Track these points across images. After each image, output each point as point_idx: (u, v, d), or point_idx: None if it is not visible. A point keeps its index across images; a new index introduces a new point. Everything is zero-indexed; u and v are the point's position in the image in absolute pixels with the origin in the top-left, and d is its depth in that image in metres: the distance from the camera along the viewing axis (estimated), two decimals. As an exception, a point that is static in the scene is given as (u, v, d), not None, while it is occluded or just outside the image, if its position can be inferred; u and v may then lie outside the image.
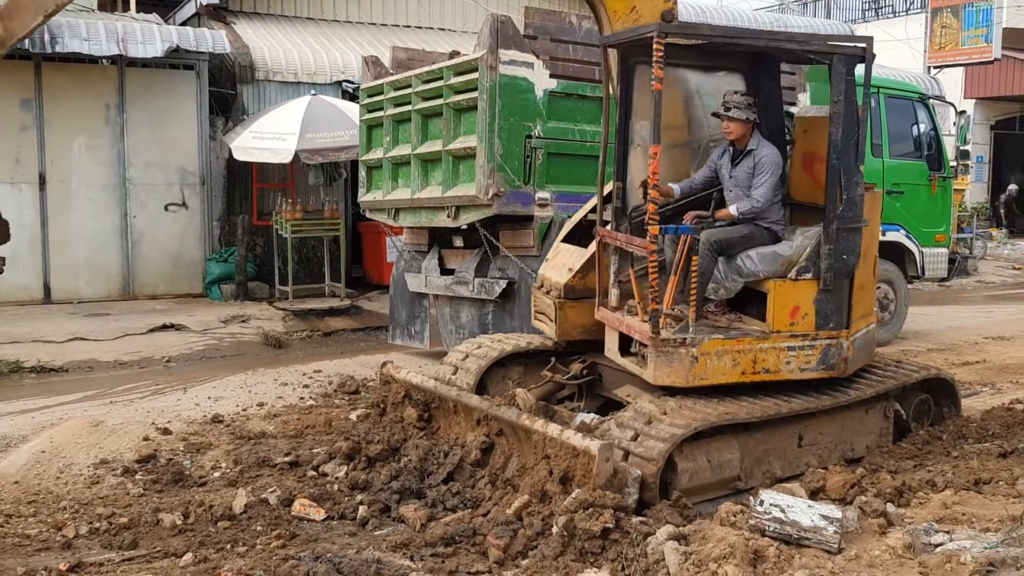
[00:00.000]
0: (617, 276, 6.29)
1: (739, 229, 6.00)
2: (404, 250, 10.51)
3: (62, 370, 9.68)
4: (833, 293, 5.87)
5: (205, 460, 6.33)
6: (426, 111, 9.21)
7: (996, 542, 4.03)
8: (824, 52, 5.93)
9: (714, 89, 6.55)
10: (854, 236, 5.91)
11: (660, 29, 5.42)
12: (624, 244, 6.16)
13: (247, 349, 10.83)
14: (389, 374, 6.47)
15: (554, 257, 7.20)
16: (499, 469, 5.46)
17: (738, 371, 5.69)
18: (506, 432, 5.52)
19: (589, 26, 9.20)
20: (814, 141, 6.27)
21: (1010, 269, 19.17)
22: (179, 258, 14.09)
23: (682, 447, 5.17)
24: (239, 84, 14.35)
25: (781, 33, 7.97)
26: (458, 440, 5.79)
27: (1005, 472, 5.39)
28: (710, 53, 6.41)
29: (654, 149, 5.48)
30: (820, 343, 5.85)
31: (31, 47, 12.19)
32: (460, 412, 5.92)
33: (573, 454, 4.87)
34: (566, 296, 6.76)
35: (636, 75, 6.30)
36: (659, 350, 5.56)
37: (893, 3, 28.00)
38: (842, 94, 5.76)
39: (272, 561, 4.44)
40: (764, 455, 5.65)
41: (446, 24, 17.25)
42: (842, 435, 6.06)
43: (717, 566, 3.89)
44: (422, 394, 6.20)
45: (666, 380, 5.62)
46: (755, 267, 5.89)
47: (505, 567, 4.46)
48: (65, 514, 5.33)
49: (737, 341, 5.70)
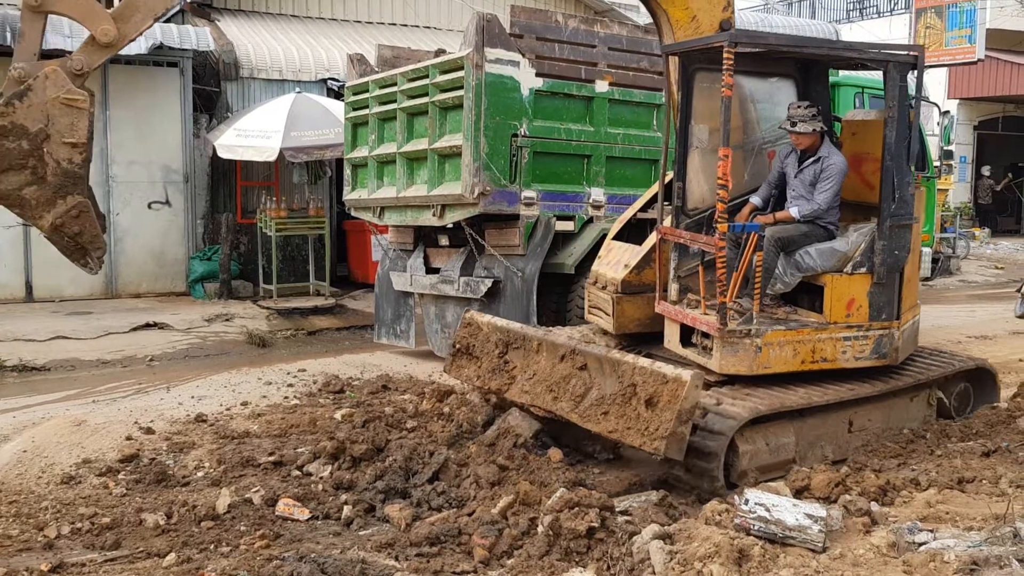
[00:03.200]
0: (677, 272, 6.61)
1: (799, 227, 6.38)
2: (389, 249, 10.49)
3: (44, 369, 9.61)
4: (885, 286, 6.30)
5: (188, 460, 6.30)
6: (412, 109, 9.20)
7: (979, 541, 4.04)
8: (879, 60, 6.38)
9: (766, 94, 6.97)
10: (905, 232, 6.33)
11: (731, 39, 5.73)
12: (689, 241, 6.45)
13: (231, 348, 10.78)
14: (472, 318, 6.98)
15: (607, 254, 7.48)
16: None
17: (798, 360, 6.09)
18: (590, 366, 5.86)
19: (575, 25, 9.21)
20: (861, 143, 6.70)
21: (992, 269, 19.28)
22: (162, 256, 14.01)
23: (743, 431, 5.54)
24: (223, 81, 14.28)
25: (840, 42, 8.59)
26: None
27: (988, 471, 5.42)
28: (763, 60, 6.74)
29: (724, 151, 5.75)
30: (873, 333, 6.27)
31: (13, 44, 12.08)
32: (543, 350, 6.27)
33: (662, 381, 5.25)
34: (623, 291, 7.04)
35: (695, 81, 6.65)
36: (725, 341, 5.92)
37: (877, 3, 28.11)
38: (895, 99, 6.15)
39: (256, 561, 4.42)
40: (817, 439, 6.00)
41: (432, 22, 17.22)
42: (888, 421, 6.39)
43: (702, 565, 3.89)
44: (505, 335, 6.62)
45: (731, 369, 5.98)
46: (814, 262, 6.29)
47: (490, 567, 4.45)
48: (47, 514, 5.28)
49: (797, 332, 6.11)
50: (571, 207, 9.08)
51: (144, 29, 5.20)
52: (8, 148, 4.90)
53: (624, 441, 5.51)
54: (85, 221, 5.12)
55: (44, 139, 4.95)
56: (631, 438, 5.37)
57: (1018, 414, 6.57)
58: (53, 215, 5.07)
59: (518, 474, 5.42)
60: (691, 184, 6.76)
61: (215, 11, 15.45)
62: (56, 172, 5.01)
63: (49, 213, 5.06)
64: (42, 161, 4.98)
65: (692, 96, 6.68)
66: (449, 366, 6.98)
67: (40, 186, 5.01)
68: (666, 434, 5.12)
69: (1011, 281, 16.86)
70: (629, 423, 5.39)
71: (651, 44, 9.61)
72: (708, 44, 6.12)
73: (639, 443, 5.31)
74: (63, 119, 4.99)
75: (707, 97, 6.57)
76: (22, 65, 5.00)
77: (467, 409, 6.77)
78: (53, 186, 5.03)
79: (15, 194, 5.02)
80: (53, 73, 4.98)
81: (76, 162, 5.04)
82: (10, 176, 4.97)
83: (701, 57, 6.48)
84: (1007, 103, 25.66)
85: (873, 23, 26.46)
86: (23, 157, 4.93)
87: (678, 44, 6.55)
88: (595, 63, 9.19)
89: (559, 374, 6.02)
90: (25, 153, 4.93)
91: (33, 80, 4.95)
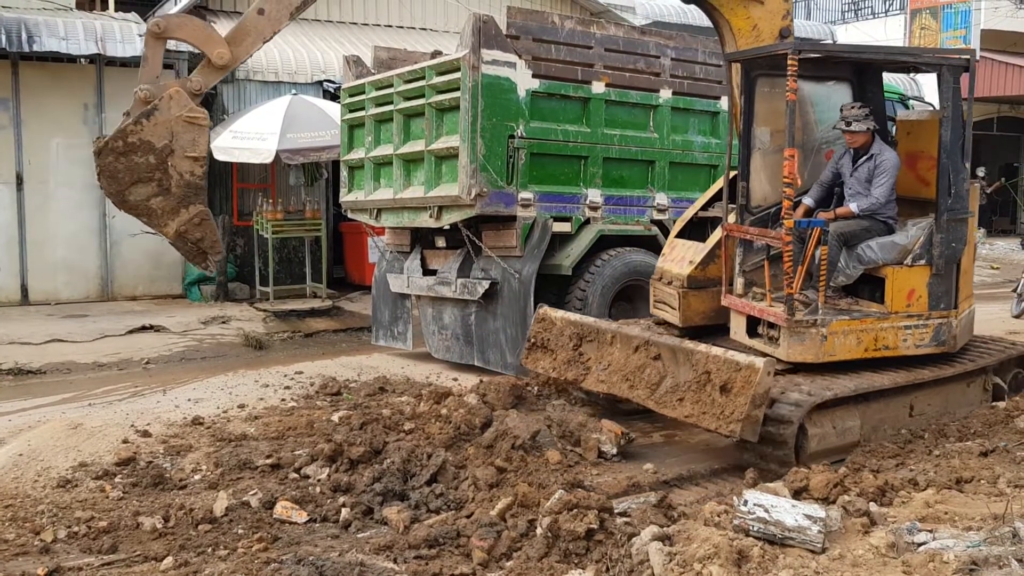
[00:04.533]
0: (742, 266, 6.96)
1: (860, 223, 6.67)
2: (386, 251, 10.48)
3: (40, 372, 9.60)
4: (943, 277, 6.64)
5: (185, 463, 6.28)
6: (408, 111, 9.19)
7: (978, 541, 4.04)
8: (933, 64, 6.77)
9: (824, 96, 7.30)
10: (961, 226, 6.67)
11: (795, 47, 6.16)
12: (755, 237, 6.78)
13: (227, 350, 10.76)
14: (546, 313, 7.50)
15: (670, 251, 7.78)
16: None
17: (861, 348, 6.41)
18: (663, 356, 6.36)
19: (572, 26, 9.21)
20: (916, 142, 7.06)
21: (988, 269, 19.31)
22: (158, 259, 13.96)
23: (811, 415, 5.89)
24: (219, 84, 14.24)
25: (896, 48, 9.25)
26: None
27: (987, 471, 5.41)
28: (821, 65, 7.17)
29: (790, 151, 6.11)
30: (933, 322, 6.61)
31: (8, 46, 12.07)
32: (616, 342, 6.82)
33: (735, 368, 5.69)
34: (688, 286, 7.32)
35: (757, 86, 6.99)
36: (792, 330, 6.24)
37: (873, 4, 28.15)
38: (950, 100, 6.47)
39: (254, 564, 4.40)
40: (880, 423, 6.36)
41: (428, 24, 17.22)
42: (947, 406, 6.74)
43: (702, 566, 3.88)
44: (579, 329, 7.17)
45: (798, 357, 6.30)
46: (875, 255, 6.61)
47: (489, 569, 4.45)
48: (43, 518, 5.26)
49: (860, 321, 6.42)
50: (568, 208, 9.08)
51: (254, 51, 5.79)
52: (137, 162, 5.42)
53: (700, 425, 5.97)
54: (206, 228, 5.62)
55: (169, 154, 5.45)
56: (707, 422, 5.84)
57: (1016, 414, 6.57)
58: (177, 223, 5.56)
59: (516, 476, 5.42)
60: (754, 183, 7.09)
61: (210, 13, 15.42)
62: (179, 184, 5.49)
63: (173, 221, 5.56)
64: (167, 174, 5.46)
65: (754, 101, 7.01)
66: (525, 358, 7.59)
67: (165, 197, 5.51)
68: (741, 417, 5.59)
69: (1007, 281, 16.89)
70: (704, 408, 5.85)
71: (647, 45, 9.61)
72: (772, 52, 6.54)
73: (715, 426, 5.79)
74: (185, 135, 5.48)
75: (768, 101, 6.99)
76: (147, 87, 5.52)
77: (465, 411, 6.76)
78: (177, 197, 5.51)
79: (143, 204, 5.52)
80: (176, 94, 5.51)
81: (197, 174, 5.54)
82: (139, 188, 5.48)
83: (763, 63, 6.84)
84: (1002, 104, 25.69)
85: (868, 24, 26.49)
86: (150, 171, 5.44)
87: (741, 52, 6.88)
88: (591, 64, 9.19)
89: (634, 364, 6.55)
90: (152, 167, 5.44)
91: (158, 100, 5.44)
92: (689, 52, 9.88)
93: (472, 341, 9.18)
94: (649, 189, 9.62)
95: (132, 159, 5.41)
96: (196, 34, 5.80)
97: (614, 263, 9.14)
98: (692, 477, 6.06)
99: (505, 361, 8.75)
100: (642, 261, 9.31)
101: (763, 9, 6.84)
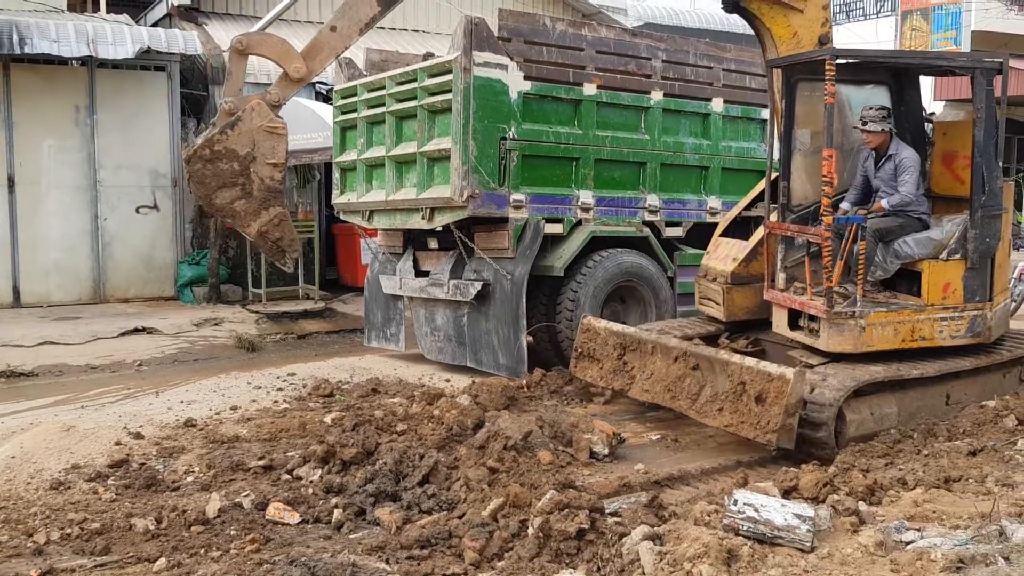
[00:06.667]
0: (784, 262, 7.22)
1: (895, 219, 6.94)
2: (379, 252, 10.49)
3: (32, 374, 9.58)
4: (978, 271, 6.89)
5: (178, 464, 6.28)
6: (400, 113, 9.20)
7: (966, 539, 4.07)
8: (967, 67, 6.99)
9: (863, 100, 7.48)
10: (995, 222, 6.91)
11: (832, 53, 6.37)
12: (796, 234, 7.04)
13: (220, 352, 10.76)
14: (590, 323, 7.80)
15: (715, 250, 8.12)
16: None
17: (899, 339, 6.66)
18: (701, 366, 6.59)
19: (563, 28, 9.24)
20: (952, 142, 7.33)
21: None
22: (151, 261, 13.97)
23: (849, 401, 6.17)
24: (211, 85, 14.26)
25: (931, 52, 9.53)
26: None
27: (975, 470, 5.45)
28: (860, 69, 7.44)
29: (828, 152, 6.35)
30: (968, 314, 6.86)
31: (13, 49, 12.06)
32: (657, 352, 7.08)
33: (768, 379, 5.92)
34: (732, 282, 7.68)
35: (797, 90, 7.26)
36: (832, 322, 6.48)
37: (863, 6, 28.24)
38: (983, 102, 6.71)
39: (247, 566, 4.41)
40: (917, 411, 6.60)
41: (420, 26, 17.24)
42: (982, 395, 6.96)
43: (692, 565, 3.91)
44: (621, 339, 7.45)
45: (837, 347, 6.55)
46: (912, 250, 6.88)
47: (481, 569, 4.46)
48: (36, 520, 5.26)
49: (898, 313, 6.68)
50: (560, 210, 9.10)
51: (327, 65, 6.41)
52: (223, 169, 5.97)
53: (739, 434, 6.17)
54: (285, 228, 6.18)
55: (251, 161, 5.98)
56: (746, 431, 6.06)
57: (1005, 413, 6.61)
58: (259, 224, 6.14)
59: (508, 476, 5.43)
60: (795, 183, 7.37)
61: (202, 15, 15.43)
62: (261, 188, 6.04)
63: (255, 222, 6.13)
64: (249, 179, 6.00)
65: (794, 104, 7.27)
66: (574, 367, 7.90)
67: (248, 200, 6.06)
68: (776, 427, 5.82)
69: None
70: (743, 418, 6.08)
71: (638, 47, 9.65)
72: (811, 58, 6.76)
73: (753, 436, 6.00)
74: (266, 143, 6.01)
75: (808, 104, 7.25)
76: (231, 99, 6.07)
77: (457, 412, 6.78)
78: (258, 199, 6.06)
79: (228, 207, 6.09)
80: (258, 106, 6.05)
81: (277, 179, 6.07)
82: (224, 192, 6.02)
83: (803, 69, 7.08)
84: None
85: (859, 25, 26.57)
86: (234, 176, 5.98)
87: (782, 58, 7.15)
88: (583, 66, 9.22)
89: (674, 374, 6.79)
90: (236, 173, 5.98)
91: (242, 112, 5.96)
92: (680, 54, 9.92)
93: (464, 342, 9.19)
94: (640, 190, 9.65)
95: (218, 165, 5.91)
96: (275, 50, 6.43)
97: (606, 264, 9.17)
98: (683, 477, 6.07)
99: (497, 362, 8.77)
100: (634, 262, 9.34)
101: (803, 17, 7.13)
